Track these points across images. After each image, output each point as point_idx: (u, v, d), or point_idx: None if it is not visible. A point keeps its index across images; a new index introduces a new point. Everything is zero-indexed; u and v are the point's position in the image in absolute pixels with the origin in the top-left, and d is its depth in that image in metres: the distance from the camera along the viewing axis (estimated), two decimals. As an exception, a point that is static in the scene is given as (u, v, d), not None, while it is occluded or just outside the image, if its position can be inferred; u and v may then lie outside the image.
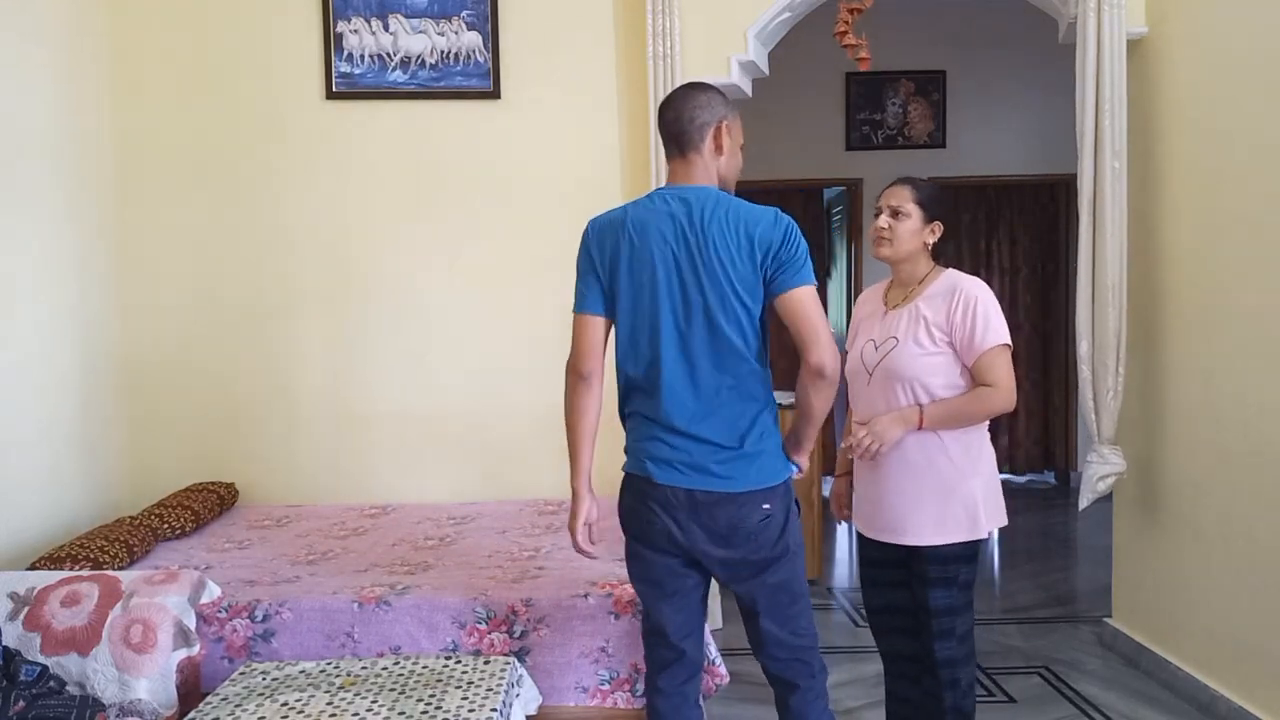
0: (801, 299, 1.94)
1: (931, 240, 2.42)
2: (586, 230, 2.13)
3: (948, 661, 2.38)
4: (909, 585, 2.45)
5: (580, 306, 2.08)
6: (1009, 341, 2.32)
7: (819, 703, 2.12)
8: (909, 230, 2.39)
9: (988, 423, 2.40)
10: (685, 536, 2.00)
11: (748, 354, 1.99)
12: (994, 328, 2.30)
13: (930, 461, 2.34)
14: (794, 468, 2.11)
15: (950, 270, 2.46)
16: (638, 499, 2.05)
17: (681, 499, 1.98)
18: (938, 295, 2.38)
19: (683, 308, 1.99)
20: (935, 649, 2.38)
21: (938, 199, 2.43)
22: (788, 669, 2.10)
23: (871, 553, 2.49)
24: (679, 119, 2.04)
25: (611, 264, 2.04)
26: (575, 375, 2.08)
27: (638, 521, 2.05)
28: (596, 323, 2.07)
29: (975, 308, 2.30)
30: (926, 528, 2.33)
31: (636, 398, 2.08)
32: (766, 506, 1.98)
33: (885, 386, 2.38)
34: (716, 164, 2.07)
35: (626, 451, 2.11)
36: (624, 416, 2.13)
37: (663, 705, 2.13)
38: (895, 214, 2.40)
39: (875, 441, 2.29)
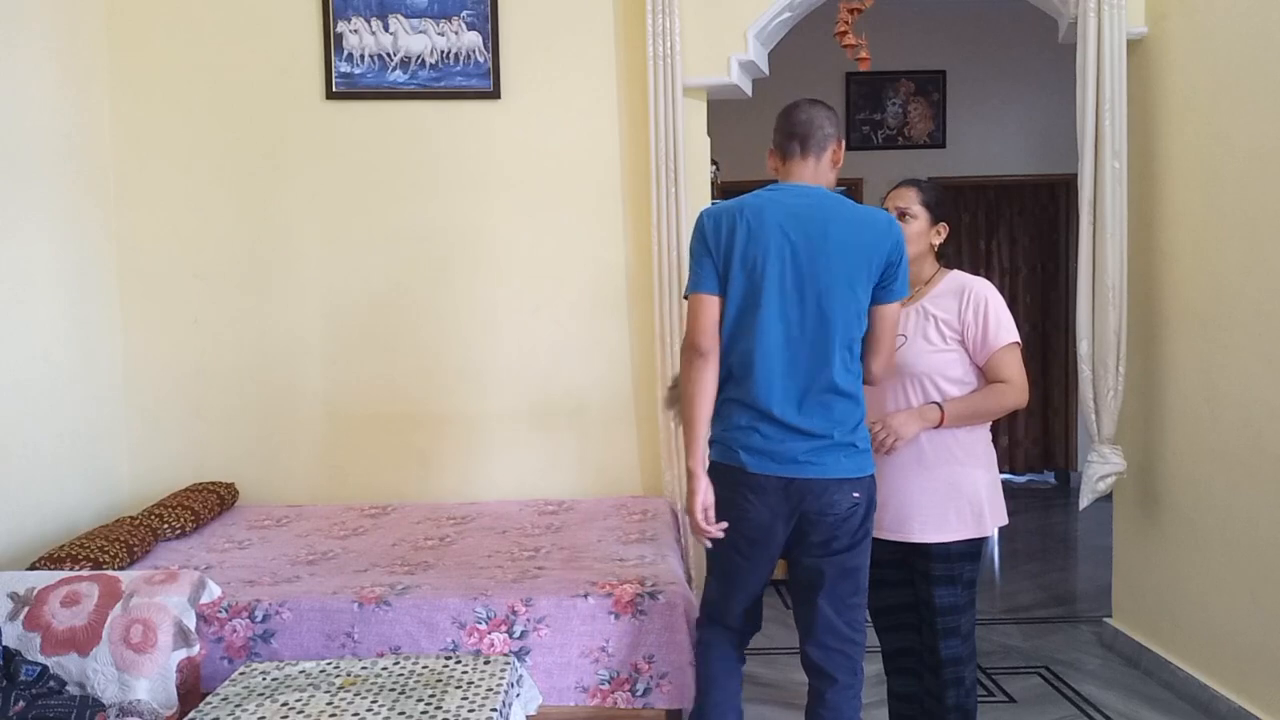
0: (894, 314, 2.16)
1: (938, 241, 2.48)
2: (701, 218, 2.21)
3: (952, 660, 2.41)
4: (911, 583, 2.47)
5: (697, 287, 2.15)
6: (1019, 339, 2.39)
7: (855, 701, 2.16)
8: (916, 232, 2.42)
9: (990, 421, 2.46)
10: (775, 523, 2.09)
11: (849, 346, 2.09)
12: (1005, 326, 2.37)
13: (938, 458, 2.37)
14: None
15: (955, 271, 2.51)
16: (730, 489, 2.11)
17: (775, 485, 2.06)
18: (945, 295, 2.43)
19: (795, 296, 2.07)
20: (940, 647, 2.41)
21: (943, 200, 2.48)
22: (830, 659, 2.15)
23: (876, 553, 2.46)
24: (812, 122, 2.20)
25: (727, 249, 2.12)
26: (694, 352, 2.13)
27: (731, 511, 2.12)
28: (713, 301, 2.13)
29: (986, 308, 2.37)
30: (932, 525, 2.36)
31: (731, 385, 2.15)
32: (856, 495, 2.08)
33: (894, 382, 2.41)
34: (830, 173, 2.23)
35: (714, 441, 2.17)
36: (718, 403, 2.18)
37: (715, 668, 2.27)
38: (902, 216, 2.43)
39: (891, 436, 2.31)
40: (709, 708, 2.26)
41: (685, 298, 2.22)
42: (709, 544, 2.19)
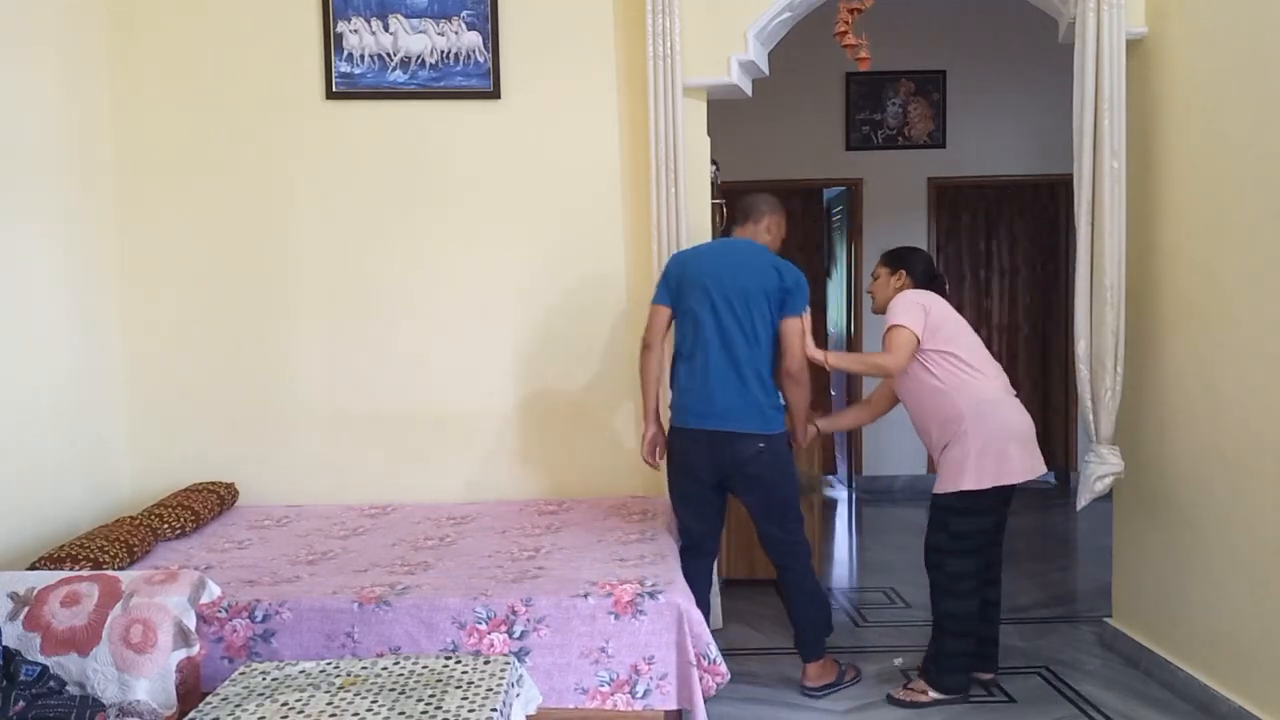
0: (795, 324, 3.02)
1: (899, 285, 3.21)
2: (670, 259, 3.22)
3: (933, 585, 3.15)
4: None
5: (656, 300, 3.15)
6: (906, 323, 3.00)
7: (800, 576, 3.11)
8: (881, 285, 3.27)
9: (988, 395, 3.01)
10: (712, 463, 2.99)
11: (754, 340, 2.98)
12: (891, 314, 3.04)
13: (942, 435, 3.04)
14: (781, 427, 3.04)
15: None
16: (676, 440, 3.07)
17: (704, 438, 2.99)
18: None
19: (724, 308, 2.98)
20: (930, 578, 3.16)
21: (899, 254, 3.28)
22: (781, 556, 3.11)
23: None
24: (749, 204, 3.21)
25: (679, 281, 3.09)
26: (645, 347, 3.15)
27: (679, 456, 3.07)
28: (664, 311, 3.13)
29: (891, 305, 3.09)
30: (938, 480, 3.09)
31: (682, 371, 3.06)
32: (761, 445, 2.97)
33: (906, 407, 3.21)
34: (766, 240, 3.17)
35: (671, 408, 3.12)
36: (672, 383, 3.14)
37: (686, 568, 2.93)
38: (874, 278, 3.31)
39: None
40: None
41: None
42: (655, 467, 3.25)
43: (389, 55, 3.62)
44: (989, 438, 2.96)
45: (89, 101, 3.49)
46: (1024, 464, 2.99)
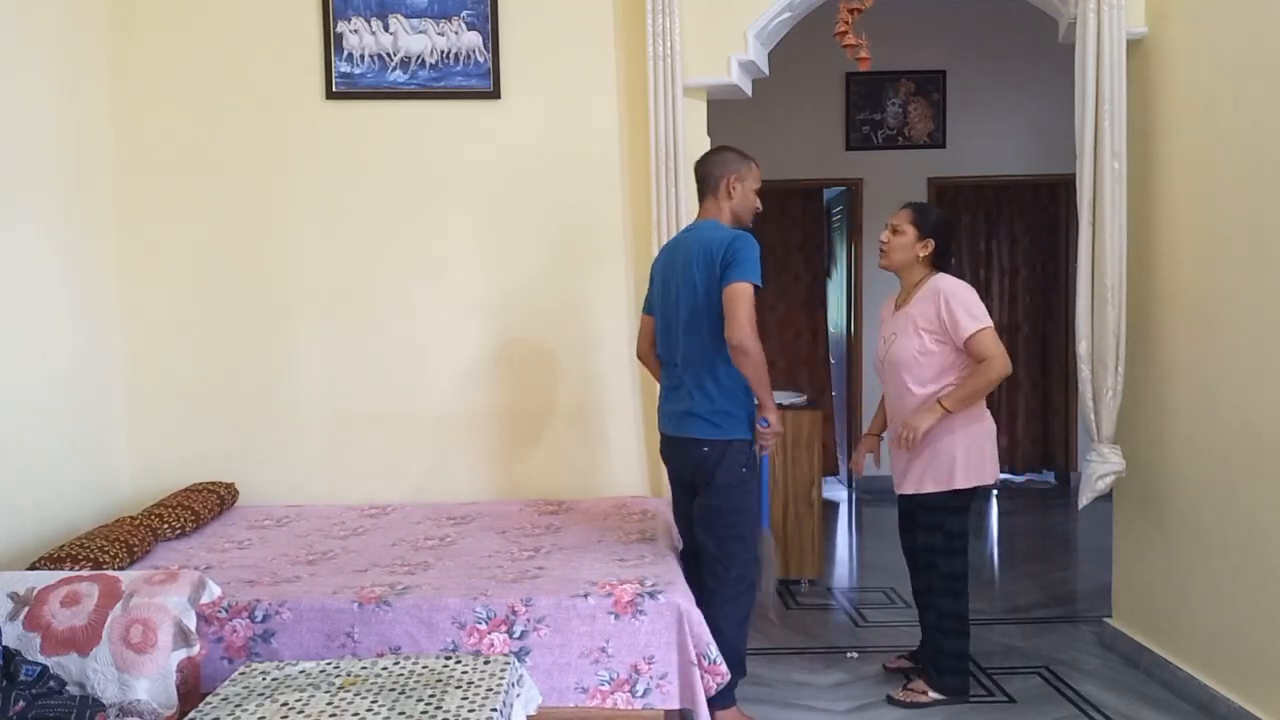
0: (732, 290, 2.65)
1: (923, 254, 3.04)
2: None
3: (925, 589, 3.15)
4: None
5: (643, 309, 3.10)
6: (988, 322, 2.91)
7: (718, 605, 2.77)
8: (902, 244, 3.06)
9: (986, 393, 3.00)
10: (671, 465, 2.97)
11: (706, 349, 2.75)
12: (968, 316, 2.90)
13: (906, 414, 3.01)
14: (745, 433, 2.81)
15: (936, 275, 3.05)
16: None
17: (664, 440, 2.97)
18: (924, 298, 3.02)
19: (674, 316, 2.83)
20: (925, 578, 3.13)
21: (934, 222, 3.06)
22: (708, 570, 2.83)
23: (904, 505, 3.22)
24: (701, 170, 2.91)
25: (652, 285, 3.01)
26: (638, 357, 3.15)
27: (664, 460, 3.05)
28: (647, 320, 3.05)
29: (952, 303, 2.93)
30: (912, 482, 3.08)
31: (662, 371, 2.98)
32: (705, 449, 2.78)
33: (892, 373, 3.10)
34: (729, 204, 2.86)
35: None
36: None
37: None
38: (894, 231, 3.07)
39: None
40: None
41: None
42: None
43: (389, 55, 3.62)
44: (976, 437, 3.01)
45: (89, 101, 3.49)
46: (995, 466, 3.07)
